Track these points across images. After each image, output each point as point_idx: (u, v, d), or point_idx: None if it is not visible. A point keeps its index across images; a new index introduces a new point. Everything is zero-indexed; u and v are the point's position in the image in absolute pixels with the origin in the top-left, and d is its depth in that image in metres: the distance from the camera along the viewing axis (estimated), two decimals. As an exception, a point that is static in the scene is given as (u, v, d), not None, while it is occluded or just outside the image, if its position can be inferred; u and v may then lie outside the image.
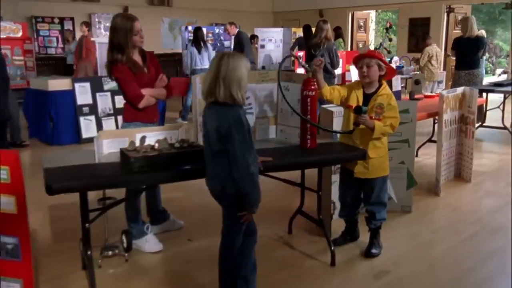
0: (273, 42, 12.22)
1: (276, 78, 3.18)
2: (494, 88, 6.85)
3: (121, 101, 3.51)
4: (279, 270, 3.20)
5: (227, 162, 2.36)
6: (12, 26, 9.26)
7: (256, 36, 12.00)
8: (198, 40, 8.79)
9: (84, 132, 6.99)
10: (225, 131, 2.31)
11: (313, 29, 7.34)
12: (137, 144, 2.77)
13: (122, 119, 3.46)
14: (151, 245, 3.43)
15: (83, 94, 7.04)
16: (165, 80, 3.45)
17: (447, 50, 11.54)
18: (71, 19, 12.95)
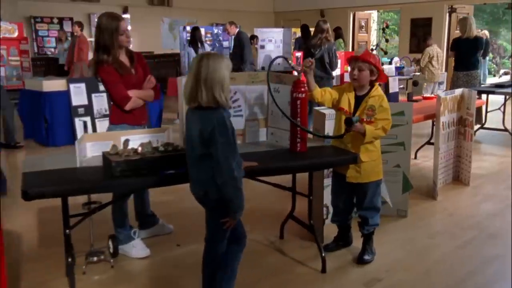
0: (273, 43, 12.15)
1: (266, 79, 3.09)
2: (494, 90, 6.74)
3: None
4: (269, 276, 3.11)
5: (210, 166, 2.28)
6: (8, 26, 9.17)
7: (256, 36, 11.91)
8: (196, 40, 8.72)
9: (79, 133, 6.90)
10: (208, 134, 2.23)
11: (311, 29, 7.26)
12: (120, 148, 2.69)
13: (108, 121, 3.38)
14: (138, 251, 3.35)
15: (78, 95, 6.95)
16: (153, 81, 3.37)
17: (448, 50, 11.43)
18: (70, 19, 12.87)
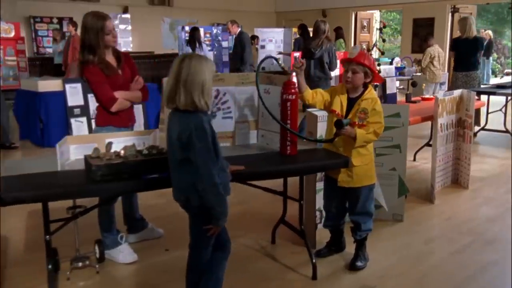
0: (273, 43, 12.04)
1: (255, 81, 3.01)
2: (496, 91, 6.63)
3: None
4: (258, 282, 3.03)
5: (190, 171, 2.19)
6: (4, 26, 9.11)
7: (257, 36, 11.81)
8: (194, 40, 8.65)
9: (75, 134, 6.82)
10: (186, 138, 2.14)
11: (310, 29, 7.17)
12: (102, 151, 2.61)
13: (94, 123, 3.31)
14: (125, 256, 3.27)
15: (74, 95, 6.86)
16: (141, 82, 3.29)
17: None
18: (70, 19, 12.76)
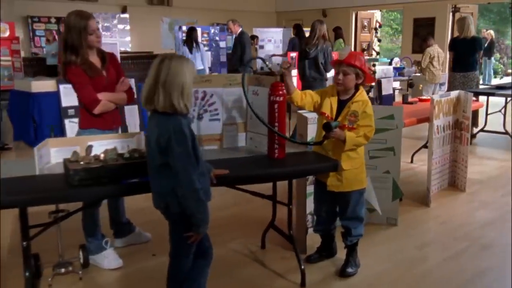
0: (272, 43, 11.95)
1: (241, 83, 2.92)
2: (495, 91, 6.53)
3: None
4: (245, 290, 2.96)
5: (170, 177, 2.11)
6: (-1, 26, 9.03)
7: (257, 36, 11.73)
8: (191, 40, 8.58)
9: (69, 135, 6.74)
10: (165, 142, 2.07)
11: (306, 29, 7.08)
12: (81, 154, 2.53)
13: (77, 125, 3.23)
14: (110, 261, 3.19)
15: (68, 96, 6.76)
16: (126, 84, 3.21)
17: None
18: (68, 19, 12.76)
